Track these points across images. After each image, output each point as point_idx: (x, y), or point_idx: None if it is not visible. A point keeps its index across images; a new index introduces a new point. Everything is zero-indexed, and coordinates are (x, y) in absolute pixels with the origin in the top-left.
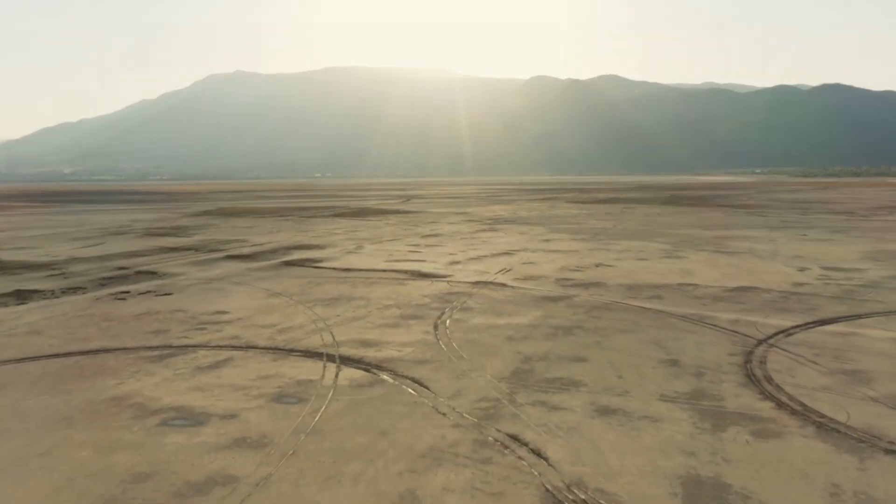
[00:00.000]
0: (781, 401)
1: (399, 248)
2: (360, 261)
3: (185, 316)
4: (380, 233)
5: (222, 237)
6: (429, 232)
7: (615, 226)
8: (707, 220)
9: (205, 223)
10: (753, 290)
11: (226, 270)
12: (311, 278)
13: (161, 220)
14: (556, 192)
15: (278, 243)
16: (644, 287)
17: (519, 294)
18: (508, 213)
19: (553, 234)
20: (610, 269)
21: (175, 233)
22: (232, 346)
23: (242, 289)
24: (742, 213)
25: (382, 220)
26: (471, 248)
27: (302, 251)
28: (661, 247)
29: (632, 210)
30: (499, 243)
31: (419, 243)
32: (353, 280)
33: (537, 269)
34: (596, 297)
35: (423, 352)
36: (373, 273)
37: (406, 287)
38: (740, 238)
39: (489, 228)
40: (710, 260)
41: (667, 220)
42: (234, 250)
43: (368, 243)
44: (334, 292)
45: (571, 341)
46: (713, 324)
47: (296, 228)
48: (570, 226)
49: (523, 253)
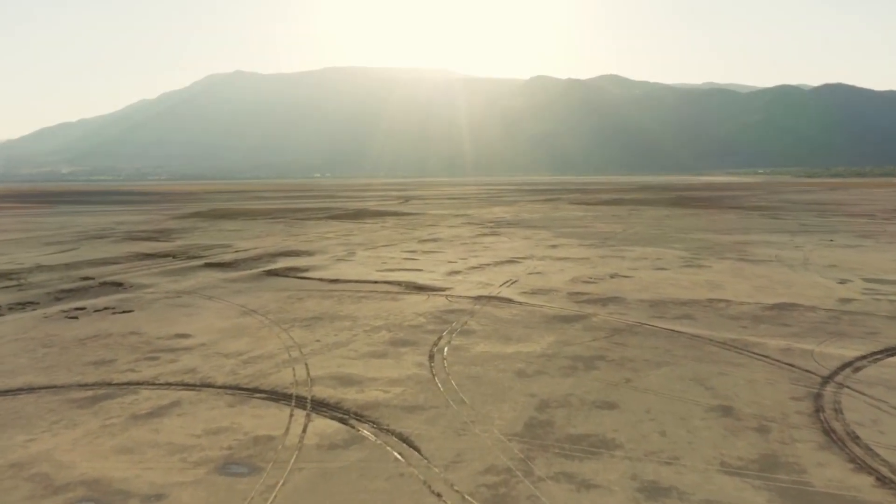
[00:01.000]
0: (882, 474)
1: (394, 255)
2: (351, 270)
3: (138, 340)
4: (375, 237)
5: (206, 242)
6: (427, 236)
7: (625, 230)
8: (721, 223)
9: (192, 226)
10: (795, 307)
11: (200, 281)
12: (293, 292)
13: (147, 222)
14: (557, 192)
15: (264, 249)
16: (669, 303)
17: (527, 312)
18: (510, 216)
19: (559, 238)
20: (627, 280)
21: (157, 237)
22: (184, 383)
23: (213, 305)
24: (756, 216)
25: (379, 223)
26: (472, 256)
27: (288, 258)
28: (679, 254)
29: (639, 212)
30: (502, 250)
31: (416, 249)
32: (339, 294)
33: (546, 280)
34: (616, 317)
35: (415, 393)
36: (363, 285)
37: (399, 303)
38: (762, 244)
39: (491, 232)
40: (736, 270)
41: (678, 224)
42: (215, 257)
43: (361, 249)
44: (317, 309)
45: (596, 378)
46: (761, 353)
47: (286, 232)
48: (576, 229)
49: (529, 261)
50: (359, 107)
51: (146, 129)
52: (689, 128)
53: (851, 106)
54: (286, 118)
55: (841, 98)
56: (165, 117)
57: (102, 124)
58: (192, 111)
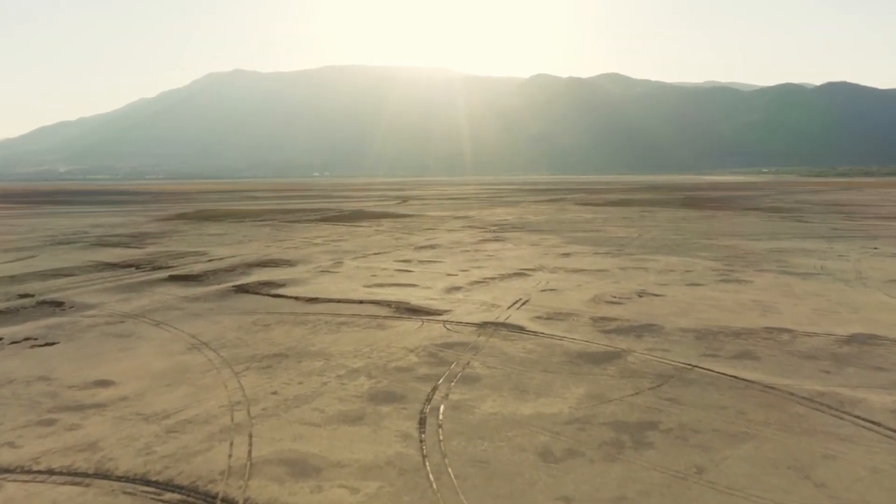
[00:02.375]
0: None
1: (386, 266)
2: (334, 285)
3: (43, 391)
4: (367, 243)
5: (180, 248)
6: (424, 242)
7: (640, 234)
8: (744, 226)
9: (171, 229)
10: (878, 340)
11: (155, 300)
12: (260, 315)
13: (125, 225)
14: (561, 192)
15: (242, 258)
16: (720, 334)
17: (545, 347)
18: (514, 218)
19: (571, 244)
20: (658, 300)
21: (129, 242)
22: (71, 471)
23: (159, 335)
24: (778, 219)
25: (373, 226)
26: (474, 266)
27: (266, 270)
28: (710, 264)
29: (652, 214)
30: (508, 258)
31: (411, 258)
32: (315, 319)
33: (563, 299)
34: (658, 356)
35: (396, 492)
36: (345, 306)
37: (386, 332)
38: (800, 252)
39: (494, 238)
40: (782, 286)
41: (698, 227)
42: (183, 267)
43: (350, 258)
44: (284, 342)
45: (653, 466)
46: (868, 418)
47: (271, 237)
48: (587, 234)
49: (540, 273)
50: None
51: (145, 127)
52: (690, 126)
53: (855, 104)
54: (285, 117)
55: (844, 96)
56: (164, 116)
57: (101, 123)
58: (191, 110)
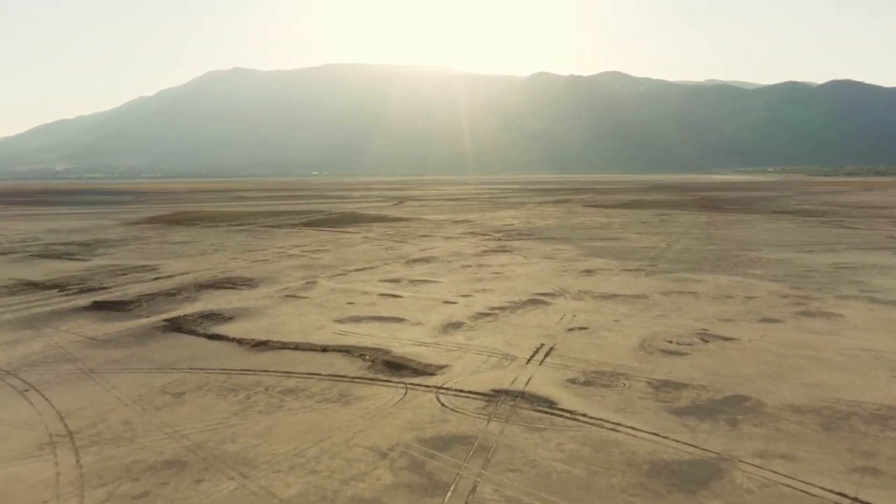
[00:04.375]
0: None
1: (368, 289)
2: (296, 319)
3: None
4: (351, 254)
5: (129, 261)
6: (418, 253)
7: (669, 244)
8: (783, 233)
9: (135, 236)
10: None
11: (50, 344)
12: (179, 375)
13: (86, 230)
14: (566, 192)
15: (196, 275)
16: (852, 417)
17: (594, 448)
18: (520, 222)
19: (591, 257)
20: (732, 346)
21: (75, 253)
22: None
23: (13, 411)
24: (816, 224)
25: (362, 232)
26: (478, 289)
27: (217, 294)
28: (772, 286)
29: (672, 218)
30: (519, 277)
31: (401, 276)
32: (253, 383)
33: (601, 345)
34: (782, 473)
35: None
36: (302, 357)
37: (349, 412)
38: (873, 270)
39: (500, 248)
40: (885, 321)
41: (731, 234)
42: (118, 289)
43: (326, 276)
44: (191, 432)
45: None
46: None
47: (242, 246)
48: (607, 243)
49: (562, 301)
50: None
51: (144, 126)
52: (692, 125)
53: (859, 103)
54: (285, 115)
55: (848, 95)
56: (163, 114)
57: (100, 121)
58: (190, 108)
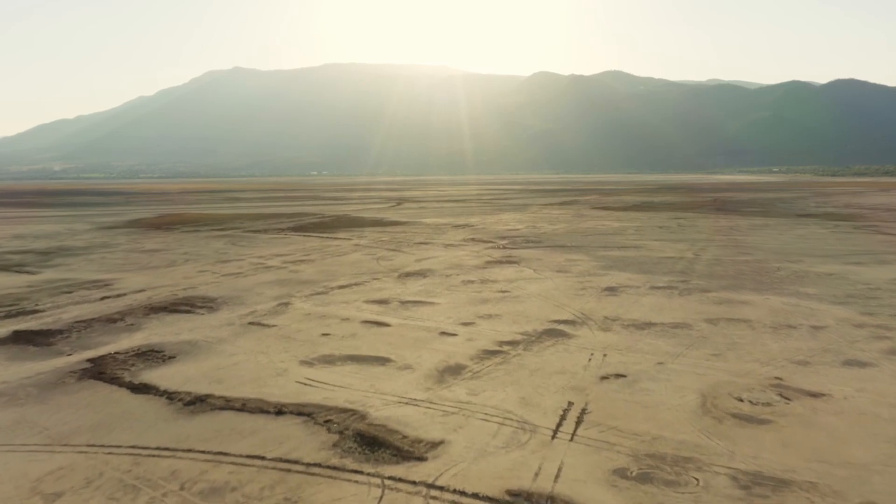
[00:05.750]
0: None
1: (349, 314)
2: (251, 360)
3: None
4: (336, 266)
5: (82, 275)
6: (413, 265)
7: (696, 254)
8: (819, 241)
9: (104, 242)
10: None
11: None
12: (67, 458)
13: (53, 235)
14: (570, 193)
15: (152, 293)
16: None
17: None
18: (526, 227)
19: (610, 270)
20: (826, 408)
21: (27, 264)
22: None
23: None
24: (850, 229)
25: (353, 238)
26: (482, 315)
27: (167, 321)
28: (838, 311)
29: (689, 222)
30: (530, 298)
31: (391, 296)
32: (163, 479)
33: (648, 404)
34: None
35: None
36: (246, 425)
37: None
38: None
39: (506, 258)
40: None
41: (761, 243)
42: (51, 312)
43: (304, 294)
44: None
45: None
46: None
47: (217, 255)
48: (625, 252)
49: (586, 331)
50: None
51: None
52: (694, 125)
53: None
54: (285, 115)
55: (852, 94)
56: (163, 114)
57: (99, 121)
58: (189, 108)
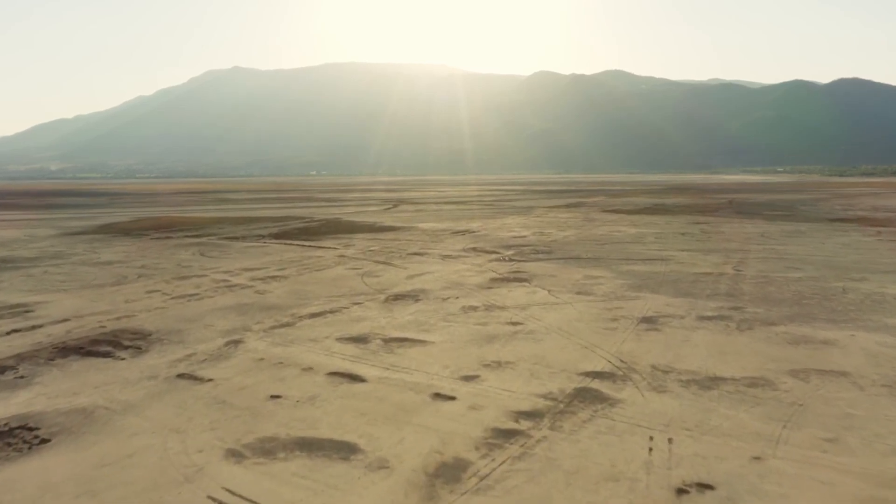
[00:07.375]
0: None
1: (314, 360)
2: (156, 446)
3: None
4: (313, 284)
5: (6, 296)
6: (403, 285)
7: (736, 269)
8: (871, 252)
9: (60, 251)
10: None
11: None
12: None
13: (8, 242)
14: (575, 194)
15: (78, 322)
16: None
17: None
18: (532, 233)
19: (640, 292)
20: None
21: None
22: None
23: None
24: (895, 236)
25: (340, 247)
26: (488, 362)
27: (76, 366)
28: None
29: (713, 227)
30: (549, 335)
31: (372, 332)
32: None
33: None
34: None
35: None
36: None
37: None
38: None
39: (514, 274)
40: None
41: (806, 255)
42: None
43: (265, 326)
44: None
45: None
46: None
47: (178, 269)
48: (652, 266)
49: (634, 393)
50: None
51: (142, 125)
52: (696, 124)
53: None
54: (285, 114)
55: (855, 94)
56: (162, 113)
57: (98, 121)
58: (189, 107)
